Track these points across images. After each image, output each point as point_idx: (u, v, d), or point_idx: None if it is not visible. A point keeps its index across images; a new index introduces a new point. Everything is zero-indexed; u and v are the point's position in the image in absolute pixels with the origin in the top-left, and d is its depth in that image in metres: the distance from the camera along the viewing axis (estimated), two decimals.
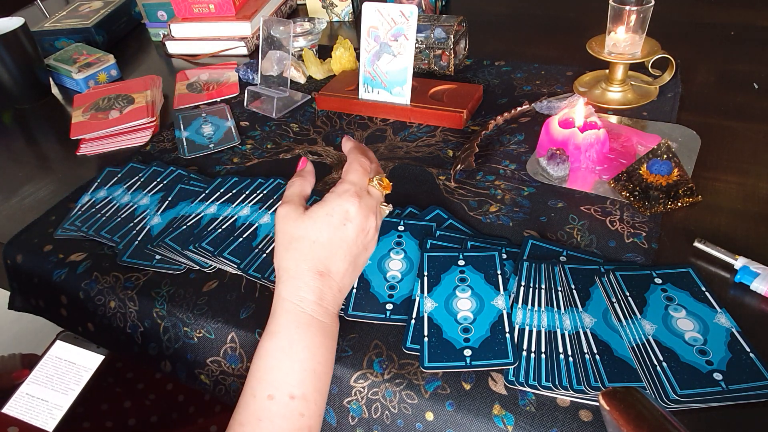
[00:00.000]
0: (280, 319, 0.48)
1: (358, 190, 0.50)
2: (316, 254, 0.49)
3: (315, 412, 0.47)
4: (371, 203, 0.51)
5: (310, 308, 0.48)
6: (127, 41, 1.25)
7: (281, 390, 0.45)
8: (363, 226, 0.50)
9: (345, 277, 0.50)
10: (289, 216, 0.50)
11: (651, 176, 0.64)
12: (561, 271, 0.56)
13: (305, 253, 0.49)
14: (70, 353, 0.65)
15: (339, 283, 0.50)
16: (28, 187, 0.82)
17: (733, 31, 0.97)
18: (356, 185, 0.51)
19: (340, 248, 0.49)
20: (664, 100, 0.81)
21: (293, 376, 0.46)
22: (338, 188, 0.51)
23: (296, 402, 0.45)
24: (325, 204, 0.50)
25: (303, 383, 0.46)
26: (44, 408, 0.62)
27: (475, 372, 0.50)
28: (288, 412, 0.45)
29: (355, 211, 0.49)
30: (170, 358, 0.61)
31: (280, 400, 0.45)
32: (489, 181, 0.71)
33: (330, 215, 0.49)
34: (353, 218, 0.49)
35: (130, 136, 0.88)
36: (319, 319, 0.48)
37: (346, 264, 0.50)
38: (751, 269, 0.53)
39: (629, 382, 0.47)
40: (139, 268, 0.64)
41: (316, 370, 0.47)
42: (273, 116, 0.89)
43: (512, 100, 0.85)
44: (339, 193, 0.50)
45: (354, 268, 0.51)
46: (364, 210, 0.50)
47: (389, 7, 0.80)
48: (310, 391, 0.46)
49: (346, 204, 0.49)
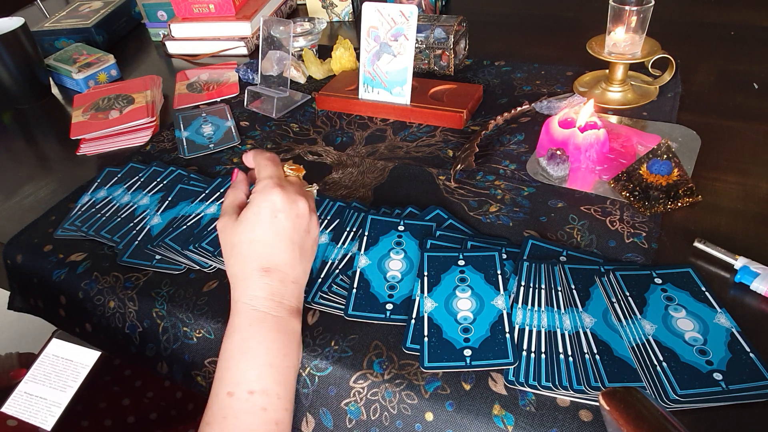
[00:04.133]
0: (234, 320, 0.49)
1: (277, 181, 0.52)
2: (257, 253, 0.50)
3: (280, 405, 0.47)
4: (294, 188, 0.52)
5: (262, 305, 0.49)
6: (127, 41, 1.25)
7: (240, 386, 0.46)
8: (295, 211, 0.51)
9: (295, 266, 0.51)
10: (226, 226, 0.52)
11: (651, 176, 0.64)
12: (561, 271, 0.56)
13: (247, 255, 0.50)
14: (66, 350, 0.65)
15: (290, 275, 0.51)
16: (28, 187, 0.82)
17: (733, 31, 0.97)
18: (273, 177, 0.52)
19: (280, 240, 0.50)
20: (664, 100, 0.81)
21: (250, 372, 0.47)
22: (258, 186, 0.52)
23: (256, 397, 0.46)
24: (252, 204, 0.51)
25: (261, 378, 0.47)
26: (43, 406, 0.62)
27: (475, 372, 0.50)
28: (250, 408, 0.46)
29: (281, 201, 0.50)
30: (167, 359, 0.61)
31: (239, 396, 0.46)
32: (489, 181, 0.70)
33: (258, 213, 0.50)
34: (281, 208, 0.50)
35: (130, 136, 0.88)
36: (272, 314, 0.49)
37: (291, 253, 0.51)
38: (751, 269, 0.53)
39: (629, 382, 0.47)
40: (139, 268, 0.64)
41: (273, 364, 0.48)
42: (273, 116, 0.89)
43: (512, 100, 0.85)
44: (260, 189, 0.51)
45: (302, 254, 0.52)
46: (289, 196, 0.51)
47: (389, 7, 0.80)
48: (270, 385, 0.47)
49: (270, 197, 0.50)
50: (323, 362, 0.53)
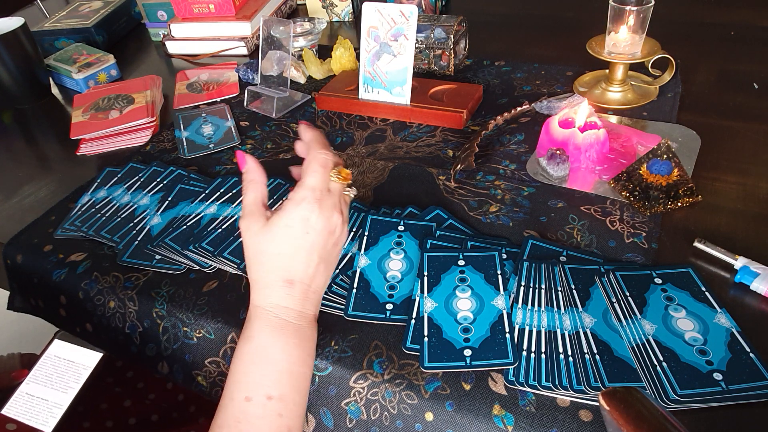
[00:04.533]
0: (254, 325, 0.48)
1: (318, 195, 0.49)
2: (281, 265, 0.49)
3: (294, 412, 0.47)
4: (333, 201, 0.50)
5: (283, 313, 0.49)
6: (127, 41, 1.25)
7: (258, 391, 0.46)
8: (328, 228, 0.49)
9: (317, 278, 0.50)
10: (250, 229, 0.49)
11: (651, 176, 0.64)
12: (561, 271, 0.56)
13: (270, 266, 0.49)
14: (68, 351, 0.65)
15: (312, 286, 0.50)
16: (28, 187, 0.82)
17: (733, 31, 0.97)
18: (315, 190, 0.49)
19: (306, 256, 0.49)
20: (664, 100, 0.81)
21: (270, 378, 0.47)
22: (296, 195, 0.49)
23: (274, 402, 0.46)
24: (284, 214, 0.48)
25: (280, 384, 0.47)
26: (44, 407, 0.62)
27: (475, 372, 0.50)
28: (266, 413, 0.46)
29: (315, 218, 0.48)
30: (168, 359, 0.61)
31: (257, 401, 0.46)
32: (489, 181, 0.71)
33: (289, 226, 0.48)
34: (314, 225, 0.48)
35: (130, 136, 0.88)
36: (293, 322, 0.49)
37: (316, 267, 0.50)
38: (751, 269, 0.53)
39: (629, 382, 0.47)
40: (139, 268, 0.64)
41: (292, 371, 0.47)
42: (273, 116, 0.89)
43: (512, 100, 0.85)
44: (297, 201, 0.48)
45: (327, 266, 0.51)
46: (326, 212, 0.49)
47: (389, 7, 0.80)
48: (288, 392, 0.47)
49: (304, 212, 0.48)
50: (323, 362, 0.53)
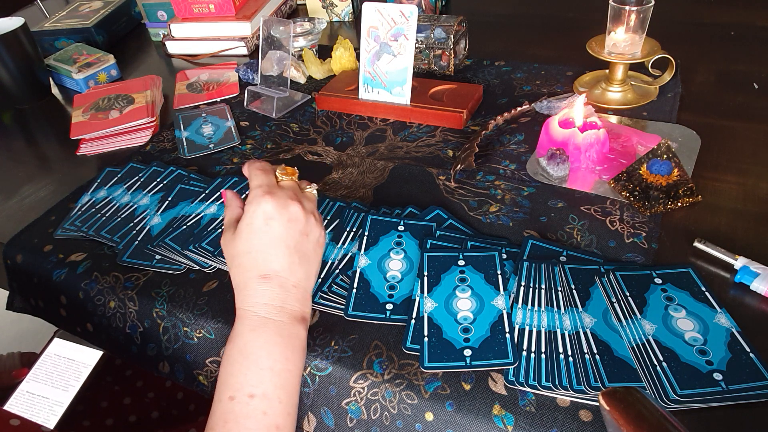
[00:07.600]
0: (236, 326, 0.50)
1: (266, 189, 0.53)
2: (254, 262, 0.51)
3: (281, 410, 0.47)
4: (286, 193, 0.53)
5: (263, 310, 0.50)
6: (127, 41, 1.25)
7: (241, 390, 0.47)
8: (286, 216, 0.52)
9: (294, 270, 0.52)
10: (225, 241, 0.54)
11: (651, 176, 0.64)
12: (561, 271, 0.56)
13: (246, 265, 0.51)
14: (68, 350, 0.66)
15: (290, 279, 0.51)
16: (28, 187, 0.82)
17: (733, 31, 0.97)
18: (263, 185, 0.53)
19: (274, 247, 0.51)
20: (664, 100, 0.81)
21: (251, 376, 0.47)
22: (249, 196, 0.53)
23: (256, 401, 0.46)
24: (245, 215, 0.52)
25: (261, 382, 0.47)
26: (45, 405, 0.62)
27: (475, 372, 0.50)
28: (250, 412, 0.46)
29: (271, 208, 0.51)
30: (169, 358, 0.61)
31: (240, 400, 0.46)
32: (489, 181, 0.71)
33: (251, 223, 0.52)
34: (272, 215, 0.51)
35: (130, 136, 0.88)
36: (274, 319, 0.49)
37: (288, 257, 0.51)
38: (751, 269, 0.53)
39: (629, 382, 0.47)
40: (139, 268, 0.64)
41: (273, 368, 0.48)
42: (273, 116, 0.89)
43: (512, 100, 0.85)
44: (250, 199, 0.53)
45: (301, 258, 0.52)
46: (280, 201, 0.52)
47: (389, 7, 0.80)
48: (271, 389, 0.47)
49: (260, 206, 0.52)
50: (323, 362, 0.53)
